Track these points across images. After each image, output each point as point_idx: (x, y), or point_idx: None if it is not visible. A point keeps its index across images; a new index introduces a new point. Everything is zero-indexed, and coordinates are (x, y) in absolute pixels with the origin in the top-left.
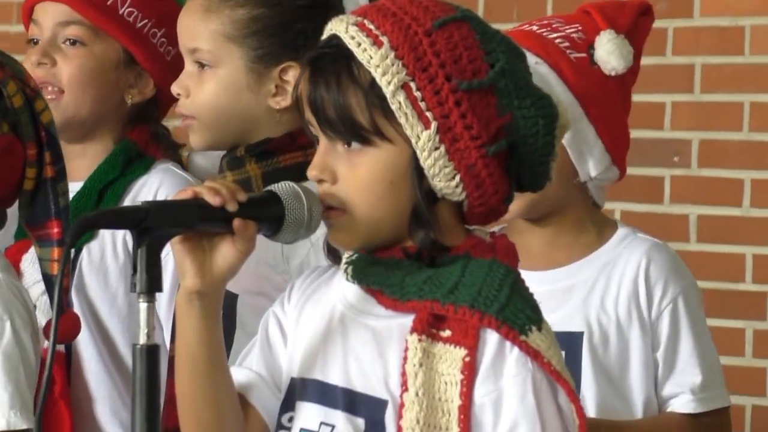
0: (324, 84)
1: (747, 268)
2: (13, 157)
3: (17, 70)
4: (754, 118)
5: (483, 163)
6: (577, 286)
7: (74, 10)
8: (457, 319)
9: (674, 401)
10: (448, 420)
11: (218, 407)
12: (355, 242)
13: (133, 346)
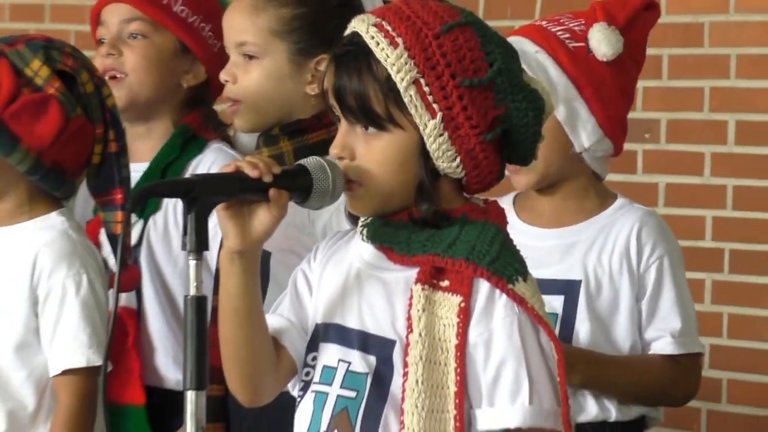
0: (347, 76)
1: (707, 228)
2: (85, 136)
3: (87, 62)
4: (713, 100)
5: (480, 148)
6: (579, 242)
7: (136, 9)
8: (454, 271)
9: (655, 344)
10: (447, 357)
11: (255, 348)
12: (369, 211)
13: (185, 297)
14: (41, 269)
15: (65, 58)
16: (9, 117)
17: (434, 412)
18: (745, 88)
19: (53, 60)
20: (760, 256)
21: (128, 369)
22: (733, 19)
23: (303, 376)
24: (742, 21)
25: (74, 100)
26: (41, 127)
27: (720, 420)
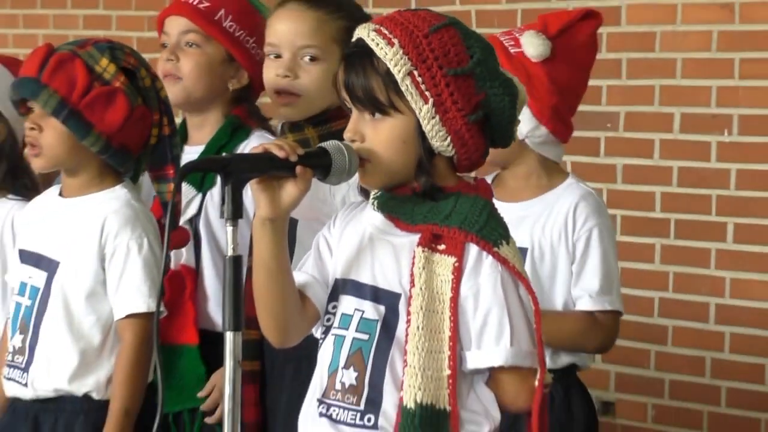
0: (354, 73)
1: (656, 201)
2: (145, 121)
3: (144, 61)
4: (662, 96)
5: (466, 128)
6: (529, 216)
7: (192, 22)
8: (450, 237)
9: (578, 301)
10: (443, 307)
11: (284, 299)
12: (377, 184)
13: (224, 257)
14: (108, 232)
15: (127, 57)
16: (84, 107)
17: (432, 352)
18: (689, 86)
19: (118, 58)
20: (700, 224)
21: (185, 315)
22: (679, 29)
23: (324, 321)
24: (687, 30)
25: (136, 92)
26: (110, 115)
27: (665, 358)
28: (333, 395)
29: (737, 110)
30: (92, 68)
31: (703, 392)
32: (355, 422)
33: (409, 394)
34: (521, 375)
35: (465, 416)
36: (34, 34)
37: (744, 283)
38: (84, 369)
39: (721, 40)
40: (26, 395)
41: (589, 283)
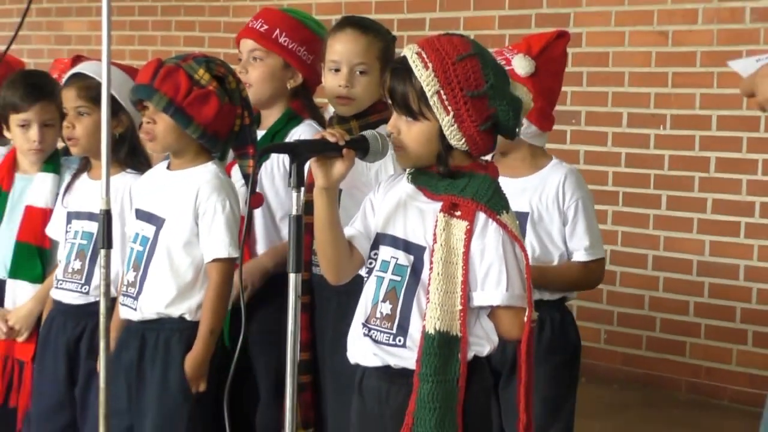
0: (397, 83)
1: (609, 178)
2: (231, 114)
3: (230, 69)
4: (614, 100)
5: (477, 134)
6: (528, 188)
7: (256, 42)
8: (464, 206)
9: (574, 255)
10: (457, 259)
11: (337, 248)
12: (407, 165)
13: (289, 215)
14: (201, 196)
15: (218, 67)
16: (186, 105)
17: (448, 292)
18: (634, 92)
19: (211, 69)
20: (642, 196)
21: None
22: (626, 50)
23: (367, 265)
24: (632, 51)
25: (224, 94)
26: (205, 111)
27: (615, 296)
28: (373, 321)
29: (670, 111)
30: (192, 76)
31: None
32: (389, 342)
33: (430, 323)
34: (514, 312)
35: (472, 340)
36: (145, 50)
37: (674, 240)
38: (180, 298)
39: (658, 58)
40: (136, 317)
41: (581, 241)
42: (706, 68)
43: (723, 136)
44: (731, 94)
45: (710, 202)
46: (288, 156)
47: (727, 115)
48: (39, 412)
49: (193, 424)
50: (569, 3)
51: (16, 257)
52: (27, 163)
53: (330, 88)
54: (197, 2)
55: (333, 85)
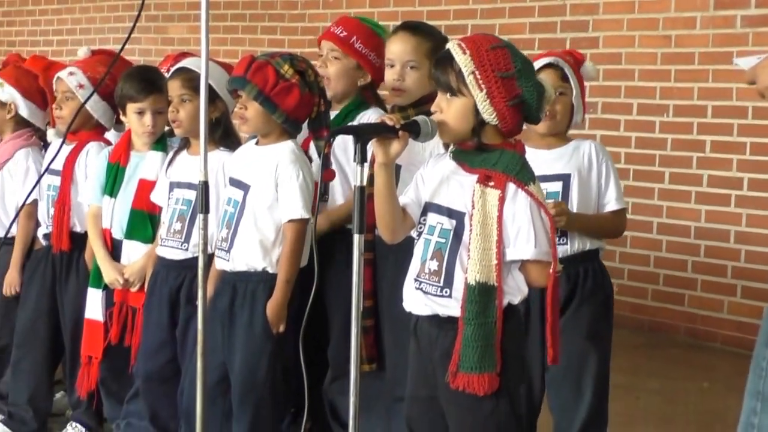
0: (440, 68)
1: (622, 157)
2: (310, 102)
3: (310, 64)
4: (626, 92)
5: (507, 109)
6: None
7: (335, 45)
8: (497, 177)
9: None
10: (492, 222)
11: (393, 213)
12: (448, 139)
13: (354, 186)
14: (280, 167)
15: (300, 63)
16: (273, 95)
17: (485, 249)
18: (642, 86)
19: (294, 64)
20: (648, 172)
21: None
22: (636, 50)
23: (417, 229)
24: (641, 51)
25: (305, 85)
26: (289, 100)
27: (626, 255)
28: (423, 276)
29: (672, 101)
30: (278, 71)
31: (648, 277)
32: (437, 293)
33: (471, 275)
34: (541, 265)
35: (505, 289)
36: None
37: (675, 209)
38: (263, 253)
39: (663, 58)
40: (228, 268)
41: (612, 193)
42: (703, 66)
43: (717, 123)
44: (724, 87)
45: (706, 177)
46: (353, 137)
47: (720, 105)
48: (145, 349)
49: (274, 359)
50: (589, 11)
51: (131, 221)
52: (140, 143)
53: (386, 81)
54: (279, 10)
55: (388, 79)
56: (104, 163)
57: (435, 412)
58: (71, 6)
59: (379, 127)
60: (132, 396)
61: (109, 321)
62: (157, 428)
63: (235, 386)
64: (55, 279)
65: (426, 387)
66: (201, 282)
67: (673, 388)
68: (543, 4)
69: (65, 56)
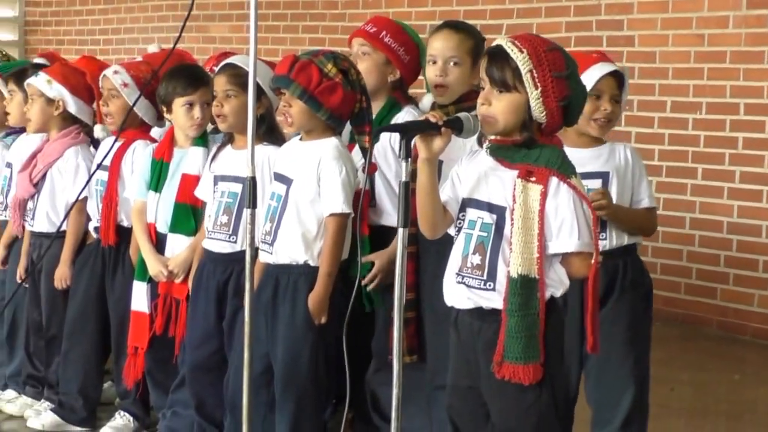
0: (495, 64)
1: (655, 154)
2: (352, 100)
3: (352, 63)
4: (659, 90)
5: (556, 108)
6: (602, 154)
7: (365, 40)
8: (539, 172)
9: (641, 203)
10: (534, 216)
11: (434, 209)
12: (493, 132)
13: (399, 181)
14: (323, 162)
15: (342, 62)
16: (317, 93)
17: (526, 243)
18: (676, 84)
19: (337, 63)
20: (682, 168)
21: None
22: (670, 49)
23: (457, 224)
24: (675, 50)
25: (348, 83)
26: (333, 99)
27: (659, 250)
28: (466, 270)
29: (705, 99)
30: (322, 69)
31: (681, 270)
32: (480, 287)
33: (513, 268)
34: (583, 257)
35: (548, 282)
36: (276, 49)
37: (708, 204)
38: (305, 246)
39: (696, 56)
40: (271, 260)
41: (644, 192)
42: (735, 64)
43: (749, 120)
44: (756, 85)
45: (738, 173)
46: (398, 134)
47: (752, 102)
48: (192, 340)
49: (316, 350)
50: (623, 11)
51: (175, 215)
52: (182, 138)
53: (429, 78)
54: (320, 10)
55: (431, 76)
56: (149, 159)
57: (476, 402)
58: (117, 6)
59: (423, 123)
60: (177, 385)
61: (154, 312)
62: (202, 417)
63: (278, 377)
64: (104, 272)
65: (467, 377)
66: (248, 275)
67: (705, 380)
68: (578, 4)
69: (111, 55)
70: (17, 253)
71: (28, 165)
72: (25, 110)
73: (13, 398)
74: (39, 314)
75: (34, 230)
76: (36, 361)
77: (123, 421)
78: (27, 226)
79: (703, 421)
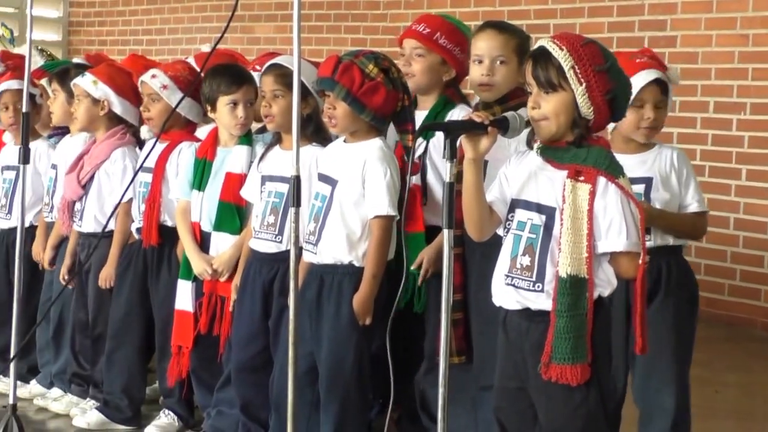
0: (539, 65)
1: (698, 154)
2: (394, 99)
3: (393, 62)
4: (702, 91)
5: (602, 103)
6: (647, 160)
7: (419, 42)
8: (587, 172)
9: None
10: (582, 216)
11: (480, 210)
12: (547, 135)
13: (444, 182)
14: (368, 164)
15: (383, 62)
16: (360, 95)
17: (576, 243)
18: (719, 84)
19: (378, 63)
20: (725, 169)
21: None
22: (713, 49)
23: (506, 225)
24: (718, 51)
25: (389, 83)
26: (375, 99)
27: (703, 251)
28: (515, 272)
29: (749, 99)
30: (363, 70)
31: (725, 272)
32: (529, 288)
33: (563, 268)
34: (631, 256)
35: (596, 282)
36: (320, 49)
37: (752, 205)
38: (349, 247)
39: (740, 56)
40: (315, 260)
41: (693, 197)
42: None
43: None
44: None
45: None
46: (443, 133)
47: None
48: (238, 339)
49: (360, 350)
50: (666, 11)
51: (219, 214)
52: (226, 137)
53: (474, 77)
54: (362, 10)
55: (476, 75)
56: (192, 158)
57: (524, 403)
58: (160, 6)
59: (469, 123)
60: (222, 384)
61: (199, 311)
62: (247, 417)
63: (322, 377)
64: (146, 272)
65: (515, 379)
66: (293, 274)
67: (751, 381)
68: (621, 4)
69: (154, 55)
70: (64, 254)
71: (75, 167)
72: (72, 110)
73: (59, 396)
74: (85, 314)
75: (82, 231)
76: (81, 359)
77: (167, 420)
78: (75, 226)
79: (752, 424)
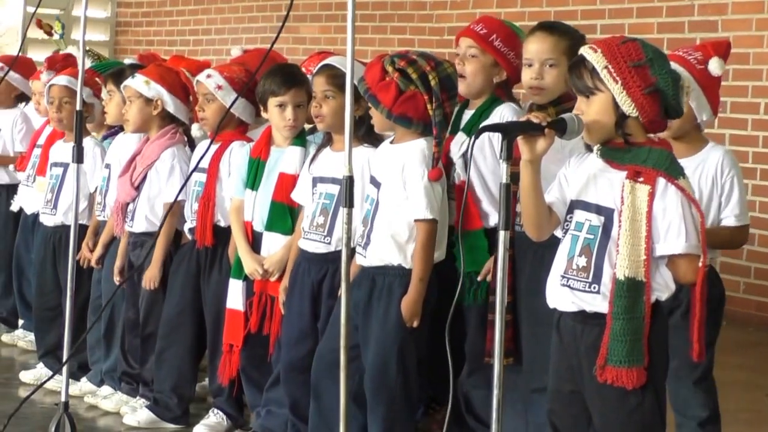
0: (575, 74)
1: (749, 156)
2: (417, 99)
3: (412, 62)
4: (753, 92)
5: (644, 98)
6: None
7: (474, 42)
8: (646, 173)
9: (726, 220)
10: (641, 217)
11: (539, 210)
12: (595, 139)
13: (500, 183)
14: (407, 167)
15: (399, 61)
16: (376, 91)
17: (634, 245)
18: None
19: (394, 62)
20: None
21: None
22: (765, 50)
23: (564, 226)
24: None
25: (407, 81)
26: (386, 96)
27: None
28: (571, 273)
29: None
30: (384, 68)
31: None
32: (585, 289)
33: (620, 270)
34: (690, 259)
35: (654, 285)
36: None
37: None
38: (397, 249)
39: None
40: (366, 263)
41: (733, 209)
42: None
43: None
44: None
45: None
46: (500, 134)
47: None
48: (288, 339)
49: (406, 352)
50: (717, 11)
51: (272, 214)
52: (280, 138)
53: (525, 81)
54: (408, 11)
55: (527, 78)
56: (246, 158)
57: (578, 407)
58: (207, 7)
59: (526, 124)
60: (271, 384)
61: (249, 310)
62: (297, 417)
63: (368, 379)
64: (199, 272)
65: (570, 382)
66: (344, 275)
67: None
68: (671, 5)
69: (200, 56)
70: (113, 253)
71: (128, 168)
72: (123, 112)
73: (109, 394)
74: (135, 313)
75: (133, 230)
76: (130, 359)
77: (216, 419)
78: (126, 226)
79: None
